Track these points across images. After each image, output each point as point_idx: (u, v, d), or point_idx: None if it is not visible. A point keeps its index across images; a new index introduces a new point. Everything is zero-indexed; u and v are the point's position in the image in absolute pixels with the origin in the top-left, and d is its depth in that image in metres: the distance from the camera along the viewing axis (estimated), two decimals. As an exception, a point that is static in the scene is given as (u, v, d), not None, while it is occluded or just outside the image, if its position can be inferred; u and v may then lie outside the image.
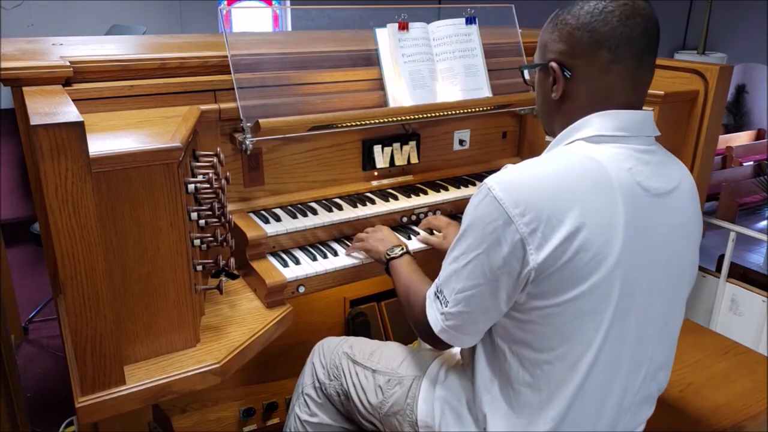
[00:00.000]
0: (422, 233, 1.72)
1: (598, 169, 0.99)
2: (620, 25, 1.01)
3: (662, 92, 1.76)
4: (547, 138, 2.09)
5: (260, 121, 1.58)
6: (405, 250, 1.47)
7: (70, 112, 1.06)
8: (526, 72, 1.19)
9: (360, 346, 1.51)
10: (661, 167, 1.06)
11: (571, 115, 1.08)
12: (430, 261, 1.62)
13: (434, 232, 1.75)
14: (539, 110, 1.18)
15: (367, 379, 1.42)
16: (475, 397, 1.17)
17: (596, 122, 1.04)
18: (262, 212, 1.72)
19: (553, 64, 1.08)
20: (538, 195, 0.96)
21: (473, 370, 1.18)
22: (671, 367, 1.19)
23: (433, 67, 1.91)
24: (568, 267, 0.96)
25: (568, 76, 1.06)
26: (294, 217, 1.71)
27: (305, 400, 1.54)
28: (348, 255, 1.64)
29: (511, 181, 0.99)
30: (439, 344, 1.16)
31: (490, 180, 1.01)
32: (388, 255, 1.47)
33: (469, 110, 1.93)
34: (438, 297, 1.12)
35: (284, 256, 1.63)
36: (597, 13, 1.02)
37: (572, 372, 1.02)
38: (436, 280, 1.14)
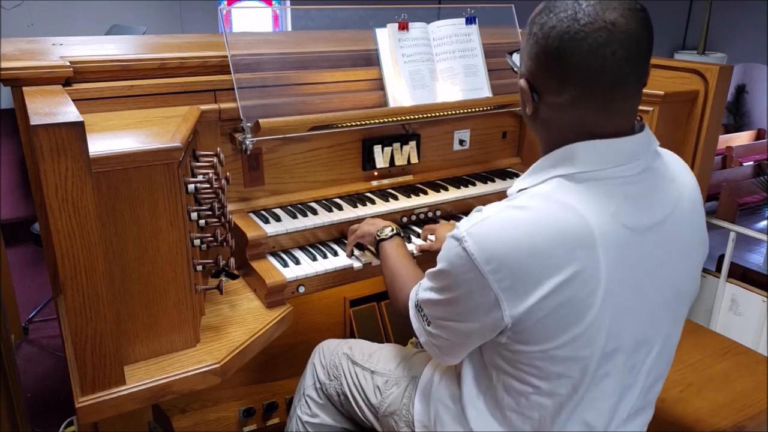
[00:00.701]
0: (419, 243, 1.70)
1: (578, 223, 0.90)
2: (590, 56, 0.88)
3: (662, 92, 1.76)
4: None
5: (260, 121, 1.58)
6: (395, 231, 1.49)
7: (70, 112, 1.06)
8: (511, 65, 1.12)
9: (360, 347, 1.52)
10: (654, 195, 0.97)
11: (548, 137, 1.00)
12: (431, 260, 1.61)
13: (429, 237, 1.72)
14: (522, 113, 1.10)
15: (366, 380, 1.43)
16: (462, 408, 1.17)
17: (579, 156, 0.94)
18: (262, 212, 1.72)
19: (522, 83, 0.98)
20: (512, 253, 0.90)
21: (460, 386, 1.17)
22: (666, 375, 1.17)
23: (433, 67, 1.91)
24: (547, 320, 0.92)
25: (536, 99, 0.97)
26: (294, 217, 1.71)
27: (306, 401, 1.55)
28: (349, 255, 1.64)
29: (484, 236, 0.93)
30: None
31: (463, 228, 0.95)
32: (378, 236, 1.48)
33: (469, 110, 1.93)
34: (419, 312, 1.12)
35: (284, 256, 1.63)
36: (566, 39, 0.88)
37: (558, 407, 1.01)
38: (418, 291, 1.12)
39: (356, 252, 1.65)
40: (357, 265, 1.61)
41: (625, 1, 0.90)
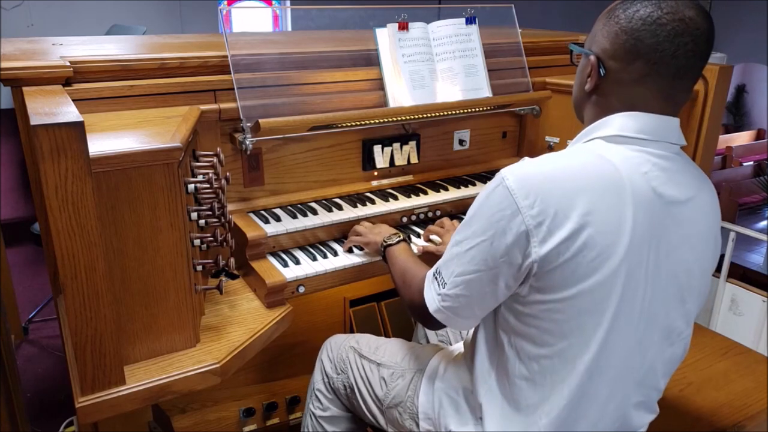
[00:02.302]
0: (421, 244, 1.70)
1: (611, 170, 0.99)
2: (666, 41, 0.98)
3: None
4: (547, 138, 2.10)
5: (260, 121, 1.58)
6: (402, 238, 1.50)
7: (70, 112, 1.06)
8: (574, 50, 1.19)
9: (366, 340, 1.54)
10: (679, 175, 1.04)
11: (598, 110, 1.08)
12: (433, 261, 1.61)
13: (431, 238, 1.72)
14: (573, 93, 1.17)
15: (372, 372, 1.45)
16: (473, 387, 1.18)
17: (618, 122, 1.04)
18: (262, 212, 1.72)
19: (592, 58, 1.07)
20: (549, 189, 0.97)
21: (473, 360, 1.18)
22: (670, 375, 1.18)
23: (433, 67, 1.91)
24: (571, 264, 0.96)
25: (602, 74, 1.06)
26: (294, 217, 1.71)
27: (317, 396, 1.58)
28: (345, 250, 1.65)
29: (525, 173, 1.00)
30: (434, 324, 1.17)
31: (505, 170, 1.01)
32: (386, 242, 1.49)
33: (469, 110, 1.93)
34: (436, 278, 1.13)
35: (284, 256, 1.63)
36: (649, 22, 0.99)
37: (570, 370, 1.03)
38: (438, 262, 1.14)
39: (356, 251, 1.66)
40: (358, 261, 1.61)
41: (697, 3, 1.01)
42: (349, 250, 1.65)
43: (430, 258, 1.62)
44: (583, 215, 0.95)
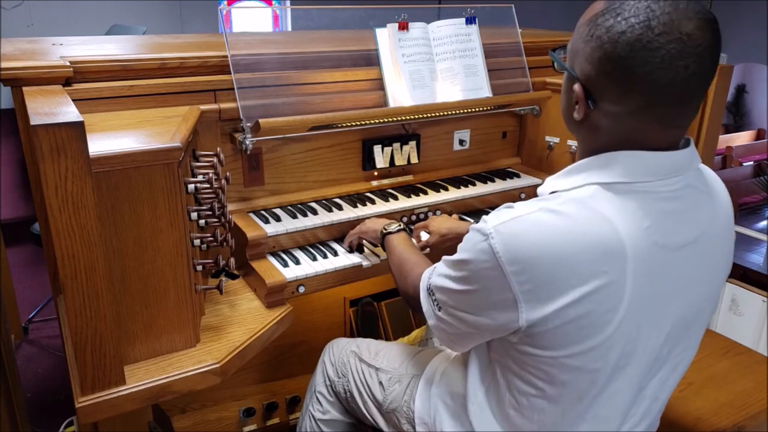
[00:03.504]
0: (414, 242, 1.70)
1: (610, 232, 0.87)
2: (661, 69, 0.83)
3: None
4: (547, 138, 2.10)
5: (260, 121, 1.58)
6: (402, 227, 1.50)
7: (70, 112, 1.06)
8: (556, 64, 1.04)
9: (367, 345, 1.54)
10: (687, 215, 0.94)
11: (592, 143, 0.95)
12: (431, 257, 1.61)
13: (420, 235, 1.72)
14: (562, 112, 1.02)
15: (371, 377, 1.45)
16: (464, 402, 1.17)
17: (620, 165, 0.90)
18: (262, 212, 1.72)
19: (577, 87, 0.92)
20: (539, 257, 0.87)
21: (466, 375, 1.18)
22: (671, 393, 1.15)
23: (433, 67, 1.91)
24: (563, 330, 0.90)
25: (591, 107, 0.92)
26: (294, 217, 1.71)
27: (317, 398, 1.57)
28: (346, 248, 1.65)
29: (513, 235, 0.89)
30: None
31: (491, 223, 0.92)
32: (386, 229, 1.49)
33: (469, 110, 1.93)
34: (431, 295, 1.10)
35: (284, 256, 1.63)
36: (638, 47, 0.83)
37: (559, 416, 0.99)
38: (431, 275, 1.10)
39: (357, 252, 1.66)
40: (358, 261, 1.62)
41: (700, 9, 0.85)
42: (350, 250, 1.65)
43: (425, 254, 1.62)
44: (578, 287, 0.87)
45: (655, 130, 0.90)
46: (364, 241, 1.68)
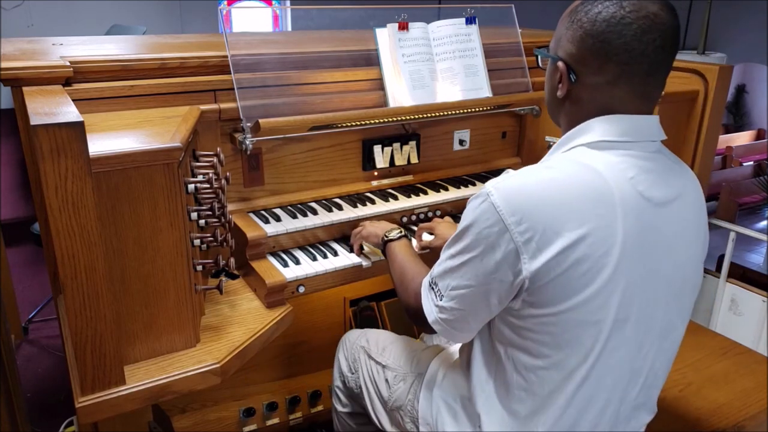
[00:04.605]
0: (415, 242, 1.70)
1: (598, 180, 0.97)
2: (634, 40, 0.96)
3: (662, 92, 1.75)
4: (547, 138, 2.10)
5: (260, 121, 1.58)
6: (403, 233, 1.50)
7: (70, 112, 1.06)
8: (540, 56, 1.17)
9: (376, 339, 1.55)
10: (664, 175, 1.03)
11: (575, 116, 1.06)
12: (432, 258, 1.61)
13: (423, 237, 1.72)
14: (546, 99, 1.15)
15: (378, 374, 1.46)
16: (470, 395, 1.18)
17: (599, 127, 1.02)
18: (262, 212, 1.72)
19: (561, 64, 1.05)
20: (535, 205, 0.95)
21: (470, 369, 1.18)
22: (668, 372, 1.18)
23: (433, 67, 1.91)
24: (563, 278, 0.95)
25: (573, 80, 1.04)
26: (294, 217, 1.71)
27: (337, 393, 1.61)
28: (356, 253, 1.65)
29: (510, 188, 0.98)
30: (429, 329, 1.16)
31: (489, 185, 1.00)
32: (386, 237, 1.50)
33: (469, 110, 1.93)
34: (433, 288, 1.12)
35: (284, 256, 1.63)
36: (613, 23, 0.97)
37: (567, 380, 1.02)
38: (432, 271, 1.14)
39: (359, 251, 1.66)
40: (358, 261, 1.62)
41: None
42: (359, 250, 1.65)
43: (427, 255, 1.62)
44: (574, 230, 0.94)
45: (630, 99, 1.01)
46: (364, 242, 1.68)
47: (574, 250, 0.94)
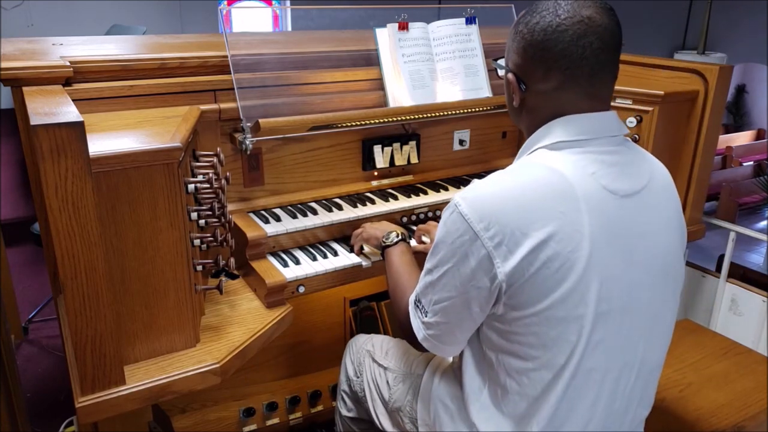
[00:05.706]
0: (414, 244, 1.70)
1: (559, 179, 1.00)
2: (571, 46, 1.00)
3: (662, 92, 1.76)
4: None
5: (260, 121, 1.58)
6: (401, 237, 1.50)
7: (70, 112, 1.06)
8: (495, 67, 1.22)
9: (380, 343, 1.57)
10: (629, 167, 1.06)
11: (533, 122, 1.09)
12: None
13: (422, 239, 1.72)
14: (508, 108, 1.18)
15: (380, 376, 1.48)
16: (465, 404, 1.18)
17: (556, 129, 1.05)
18: (262, 212, 1.72)
19: (510, 76, 1.09)
20: (501, 210, 0.98)
21: (461, 378, 1.19)
22: (662, 366, 1.18)
23: (433, 67, 1.91)
24: (538, 277, 0.97)
25: (524, 89, 1.08)
26: (294, 217, 1.71)
27: (343, 397, 1.61)
28: (356, 253, 1.65)
29: (476, 196, 1.01)
30: (419, 345, 1.18)
31: (457, 196, 1.03)
32: (384, 242, 1.51)
33: (469, 110, 1.93)
34: (418, 306, 1.15)
35: (284, 256, 1.63)
36: (550, 31, 1.01)
37: (557, 378, 1.03)
38: (416, 289, 1.16)
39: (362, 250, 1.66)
40: (358, 261, 1.62)
41: (596, 0, 1.03)
42: (359, 250, 1.65)
43: (424, 257, 1.62)
44: (540, 229, 0.96)
45: (580, 101, 1.04)
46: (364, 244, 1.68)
47: (543, 249, 0.96)
